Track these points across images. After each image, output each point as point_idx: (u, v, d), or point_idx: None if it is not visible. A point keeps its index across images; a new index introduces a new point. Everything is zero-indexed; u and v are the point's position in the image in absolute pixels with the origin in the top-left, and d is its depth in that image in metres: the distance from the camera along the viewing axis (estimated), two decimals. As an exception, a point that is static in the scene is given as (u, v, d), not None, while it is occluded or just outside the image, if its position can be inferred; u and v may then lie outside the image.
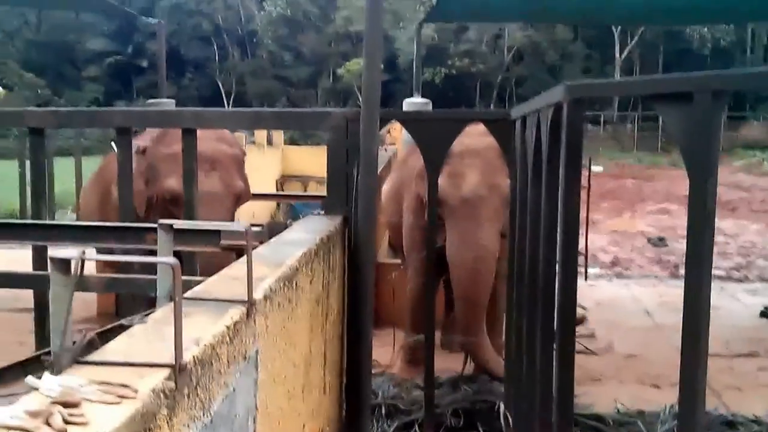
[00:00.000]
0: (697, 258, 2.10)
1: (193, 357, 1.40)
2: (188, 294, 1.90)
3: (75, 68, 55.17)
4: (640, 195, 22.45)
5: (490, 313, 5.58)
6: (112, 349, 1.42)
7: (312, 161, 13.53)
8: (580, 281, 8.20)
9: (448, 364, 5.99)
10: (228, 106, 51.05)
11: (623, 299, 8.95)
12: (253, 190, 6.19)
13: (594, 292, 9.26)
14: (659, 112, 2.27)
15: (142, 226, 3.56)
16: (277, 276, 2.27)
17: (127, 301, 4.26)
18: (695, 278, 2.11)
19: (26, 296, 6.85)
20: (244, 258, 2.49)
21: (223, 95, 52.57)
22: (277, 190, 13.53)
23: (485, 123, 4.39)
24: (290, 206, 12.76)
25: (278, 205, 12.67)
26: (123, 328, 1.63)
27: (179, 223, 2.49)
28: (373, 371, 4.34)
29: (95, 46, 53.70)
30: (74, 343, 1.36)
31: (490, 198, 5.22)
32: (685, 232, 2.16)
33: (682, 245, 11.83)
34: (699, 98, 2.01)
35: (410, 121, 4.63)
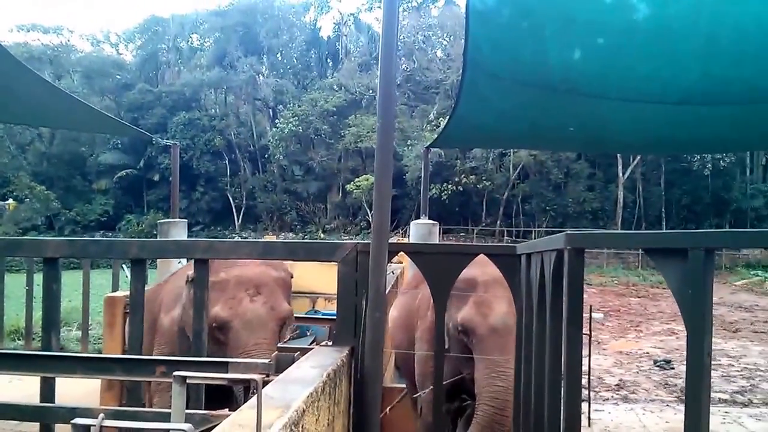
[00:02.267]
0: (696, 409, 2.14)
1: None
2: (199, 447, 1.93)
3: (86, 181, 55.65)
4: (645, 314, 22.33)
5: None
6: None
7: (320, 277, 13.44)
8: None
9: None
10: (238, 220, 51.47)
11: (630, 425, 8.86)
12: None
13: (600, 417, 9.20)
14: (656, 265, 2.35)
15: (151, 358, 3.61)
16: (283, 422, 2.29)
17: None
18: (694, 428, 2.15)
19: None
20: (251, 401, 2.54)
21: (234, 208, 52.92)
22: (285, 307, 13.41)
23: (491, 257, 4.44)
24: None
25: (285, 322, 12.56)
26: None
27: (190, 360, 2.55)
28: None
29: (107, 159, 54.25)
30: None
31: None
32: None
33: (688, 369, 11.75)
34: (693, 254, 2.10)
35: (417, 254, 4.69)
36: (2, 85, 7.30)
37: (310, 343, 7.23)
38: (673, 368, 13.51)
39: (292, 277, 6.04)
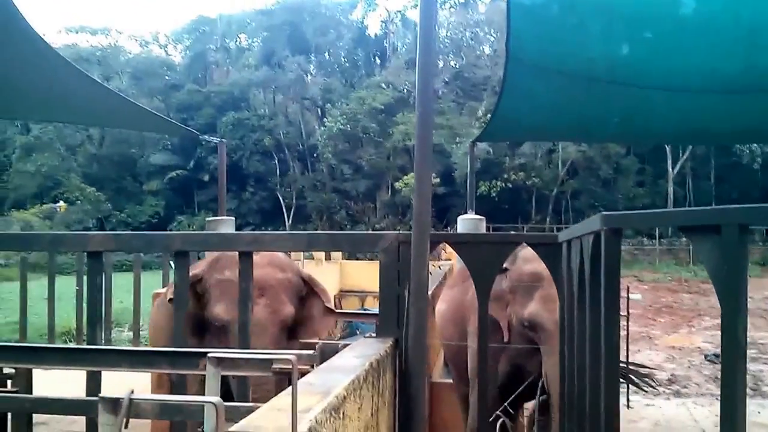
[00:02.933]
0: (731, 389, 2.13)
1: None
2: (234, 428, 1.94)
3: (136, 182, 56.24)
4: (696, 309, 22.02)
5: None
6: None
7: (370, 276, 13.45)
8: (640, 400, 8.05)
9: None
10: (288, 220, 51.53)
11: (681, 419, 8.75)
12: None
13: (651, 411, 9.10)
14: (691, 242, 2.34)
15: (195, 351, 3.62)
16: (323, 407, 2.30)
17: (180, 427, 4.27)
18: (730, 407, 2.13)
19: (81, 419, 6.92)
20: (290, 389, 2.56)
21: (284, 208, 52.99)
22: (335, 305, 13.43)
23: (533, 246, 4.43)
24: (348, 322, 12.72)
25: (335, 320, 12.48)
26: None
27: (230, 353, 2.58)
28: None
29: (157, 160, 54.74)
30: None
31: None
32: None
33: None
34: (726, 231, 2.08)
35: (459, 243, 4.69)
36: (52, 85, 7.42)
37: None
38: (723, 362, 13.22)
39: (305, 281, 5.88)
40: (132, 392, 1.40)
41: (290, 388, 2.55)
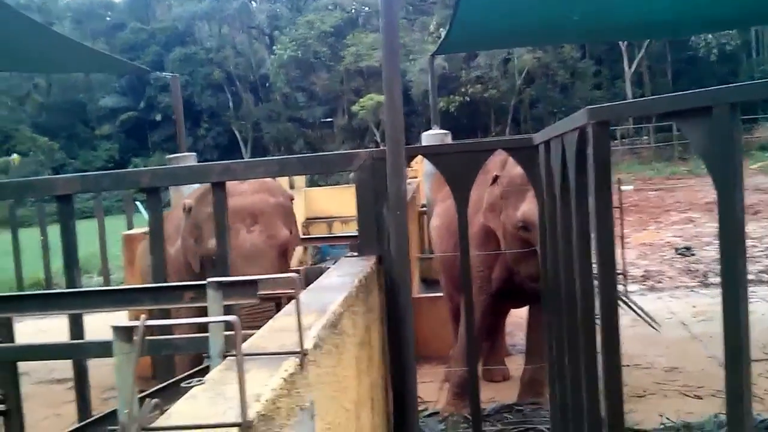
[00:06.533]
0: (732, 268, 2.12)
1: (257, 413, 1.41)
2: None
3: (88, 128, 55.52)
4: (663, 206, 22.23)
5: None
6: (178, 413, 1.43)
7: (335, 201, 13.47)
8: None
9: (491, 394, 6.08)
10: (245, 153, 51.15)
11: (658, 312, 8.85)
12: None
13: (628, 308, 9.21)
14: (680, 128, 2.32)
15: (178, 284, 3.58)
16: (323, 323, 2.27)
17: (162, 362, 4.24)
18: (732, 287, 2.13)
19: (60, 367, 6.86)
20: (288, 308, 2.53)
21: (240, 142, 52.60)
22: (303, 233, 13.41)
23: (508, 151, 4.40)
24: (318, 249, 12.74)
25: (305, 248, 12.49)
26: (178, 389, 1.65)
27: (226, 280, 2.54)
28: (419, 408, 4.34)
29: (107, 103, 54.06)
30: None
31: None
32: (710, 239, 2.17)
33: (708, 253, 11.61)
34: (718, 111, 2.06)
35: (435, 155, 4.65)
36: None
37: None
38: (694, 254, 13.38)
39: (292, 200, 5.94)
40: (145, 319, 1.35)
41: (284, 309, 2.53)
